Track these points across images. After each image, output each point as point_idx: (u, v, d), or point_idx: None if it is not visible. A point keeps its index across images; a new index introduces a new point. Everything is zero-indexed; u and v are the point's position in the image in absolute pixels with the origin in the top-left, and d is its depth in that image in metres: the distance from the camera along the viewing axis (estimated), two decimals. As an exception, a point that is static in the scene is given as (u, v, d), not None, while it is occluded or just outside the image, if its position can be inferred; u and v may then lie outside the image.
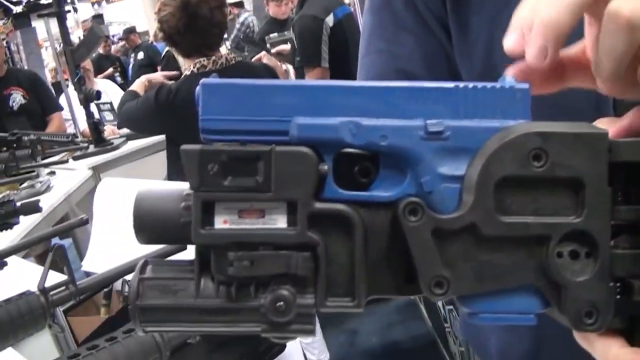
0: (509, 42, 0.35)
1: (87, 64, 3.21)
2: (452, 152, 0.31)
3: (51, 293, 0.75)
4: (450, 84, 0.32)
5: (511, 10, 0.57)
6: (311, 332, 0.31)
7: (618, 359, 0.32)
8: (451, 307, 2.08)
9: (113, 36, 9.06)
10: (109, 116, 3.32)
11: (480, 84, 0.32)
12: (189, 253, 0.34)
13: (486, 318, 0.32)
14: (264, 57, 3.02)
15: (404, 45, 0.65)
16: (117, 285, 2.22)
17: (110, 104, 3.34)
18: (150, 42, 7.29)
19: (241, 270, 0.30)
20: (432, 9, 0.62)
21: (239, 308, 0.31)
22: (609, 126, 0.34)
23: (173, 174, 2.17)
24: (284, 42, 3.02)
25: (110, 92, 3.64)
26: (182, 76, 2.07)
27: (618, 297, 0.31)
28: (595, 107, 0.51)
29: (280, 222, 0.31)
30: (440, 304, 2.24)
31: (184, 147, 0.31)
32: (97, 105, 3.19)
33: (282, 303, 0.30)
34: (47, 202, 2.24)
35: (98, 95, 2.84)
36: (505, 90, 0.32)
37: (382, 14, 0.67)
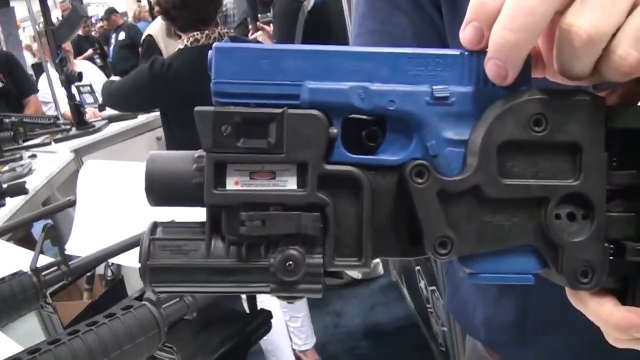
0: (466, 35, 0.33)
1: (67, 45, 3.16)
2: (456, 117, 0.32)
3: (43, 273, 0.75)
4: (456, 51, 0.33)
5: None
6: (318, 292, 0.32)
7: (611, 316, 0.33)
8: (433, 287, 2.11)
9: (91, 17, 8.90)
10: (89, 99, 3.27)
11: (484, 52, 0.32)
12: (193, 215, 0.35)
13: (487, 278, 0.33)
14: (258, 36, 3.01)
15: (398, 25, 0.66)
16: (99, 269, 2.21)
17: (90, 86, 3.29)
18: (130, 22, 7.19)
19: (253, 230, 0.31)
20: None
21: (249, 268, 0.32)
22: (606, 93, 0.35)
23: None
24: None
25: (89, 73, 3.58)
26: (177, 50, 2.08)
27: (612, 257, 0.33)
28: None
29: (290, 183, 0.32)
30: (422, 284, 2.28)
31: (198, 108, 0.32)
32: (77, 88, 3.14)
33: (291, 262, 0.31)
34: (30, 185, 2.21)
35: (80, 76, 2.80)
36: None
37: None
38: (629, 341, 0.34)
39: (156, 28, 3.81)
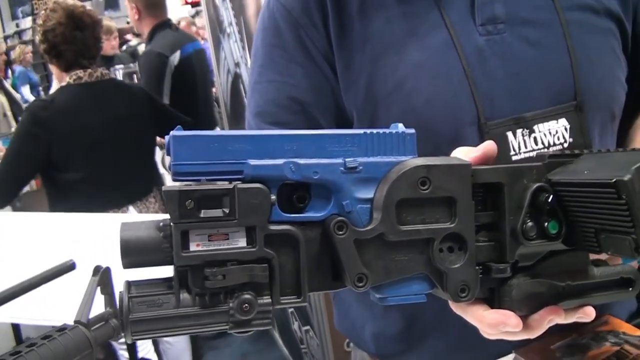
0: None
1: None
2: (364, 181, 0.43)
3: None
4: (360, 131, 0.44)
5: (389, 54, 0.71)
6: (269, 325, 0.40)
7: (485, 318, 0.46)
8: (307, 327, 2.18)
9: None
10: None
11: (381, 130, 0.44)
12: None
13: (393, 300, 0.44)
14: None
15: (294, 76, 0.74)
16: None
17: None
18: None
19: (216, 283, 0.39)
20: (320, 47, 0.73)
21: (213, 312, 0.39)
22: (466, 154, 0.48)
23: (56, 203, 2.05)
24: (129, 75, 2.97)
25: None
26: (58, 88, 2.02)
27: (481, 275, 0.45)
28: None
29: (241, 242, 0.40)
30: (296, 325, 2.34)
31: (165, 188, 0.39)
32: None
33: (247, 305, 0.39)
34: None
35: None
36: (399, 134, 0.44)
37: (274, 50, 0.76)
38: (498, 334, 0.48)
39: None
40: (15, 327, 2.29)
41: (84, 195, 1.96)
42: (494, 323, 0.46)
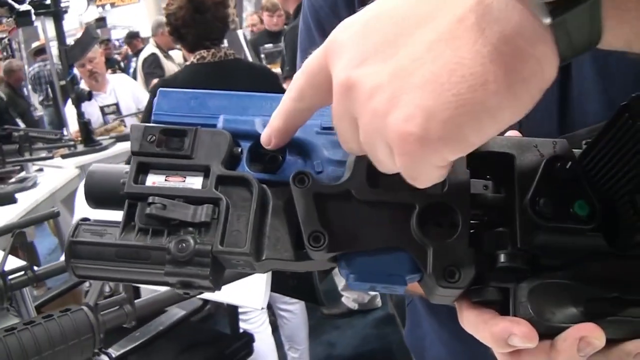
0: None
1: (98, 65, 3.25)
2: (338, 144, 0.36)
3: (9, 277, 0.77)
4: None
5: None
6: (205, 277, 0.36)
7: (490, 327, 0.34)
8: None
9: (117, 40, 9.12)
10: (111, 118, 3.36)
11: None
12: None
13: (363, 278, 0.36)
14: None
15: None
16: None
17: (117, 104, 3.36)
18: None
19: (156, 210, 0.37)
20: None
21: (151, 247, 0.37)
22: None
23: None
24: (278, 53, 3.05)
25: (124, 85, 3.60)
26: (184, 65, 2.16)
27: (488, 271, 0.35)
28: None
29: (196, 185, 0.39)
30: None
31: (134, 124, 0.41)
32: (102, 109, 3.24)
33: (184, 244, 0.37)
34: (32, 197, 2.26)
35: (89, 95, 2.87)
36: None
37: (305, 29, 0.71)
38: (505, 347, 0.33)
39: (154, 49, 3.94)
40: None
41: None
42: (499, 332, 0.33)
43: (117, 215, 0.39)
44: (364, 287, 0.37)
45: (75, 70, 3.01)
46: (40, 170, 2.68)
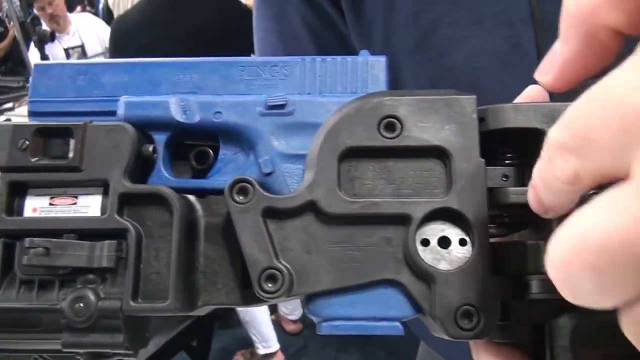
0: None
1: (58, 7, 3.02)
2: (296, 129, 0.27)
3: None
4: (297, 58, 0.28)
5: None
6: (120, 346, 0.26)
7: None
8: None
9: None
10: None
11: (331, 57, 0.28)
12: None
13: (341, 327, 0.26)
14: None
15: (291, 24, 0.56)
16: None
17: (82, 46, 3.15)
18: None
19: (34, 259, 0.26)
20: None
21: (39, 309, 0.27)
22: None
23: None
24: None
25: (89, 25, 3.32)
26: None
27: (513, 300, 0.25)
28: None
29: (93, 209, 0.27)
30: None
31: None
32: (66, 51, 3.04)
33: (80, 304, 0.26)
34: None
35: (52, 36, 2.68)
36: (358, 62, 0.28)
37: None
38: None
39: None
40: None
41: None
42: None
43: None
44: (337, 332, 0.26)
45: (36, 12, 2.82)
46: (8, 120, 2.53)
